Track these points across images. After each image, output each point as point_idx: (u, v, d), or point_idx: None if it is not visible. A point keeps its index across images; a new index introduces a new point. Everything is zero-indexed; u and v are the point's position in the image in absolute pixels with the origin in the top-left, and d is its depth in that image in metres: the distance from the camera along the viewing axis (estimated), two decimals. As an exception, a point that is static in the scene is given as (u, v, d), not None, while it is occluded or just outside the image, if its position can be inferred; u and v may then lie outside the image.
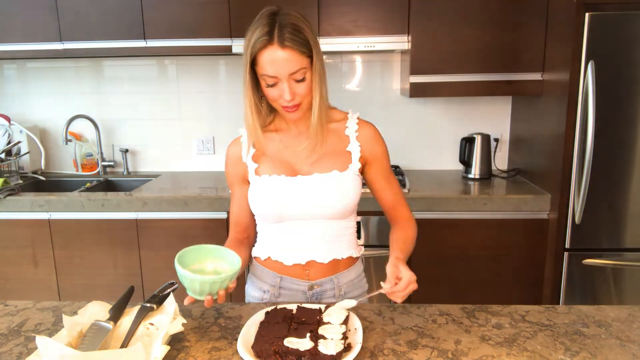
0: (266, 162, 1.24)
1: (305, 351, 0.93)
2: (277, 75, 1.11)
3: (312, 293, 1.27)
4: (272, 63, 1.10)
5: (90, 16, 2.34)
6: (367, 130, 1.26)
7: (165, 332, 0.97)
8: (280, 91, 1.13)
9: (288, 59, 1.10)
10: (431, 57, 2.25)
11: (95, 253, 2.34)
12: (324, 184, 1.20)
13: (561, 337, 1.04)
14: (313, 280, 1.26)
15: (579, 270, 2.06)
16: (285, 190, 1.20)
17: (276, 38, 1.09)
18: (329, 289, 1.28)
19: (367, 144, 1.25)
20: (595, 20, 1.87)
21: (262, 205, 1.22)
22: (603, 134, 1.94)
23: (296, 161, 1.23)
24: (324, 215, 1.22)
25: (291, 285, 1.27)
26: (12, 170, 2.61)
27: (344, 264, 1.28)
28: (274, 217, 1.23)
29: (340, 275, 1.28)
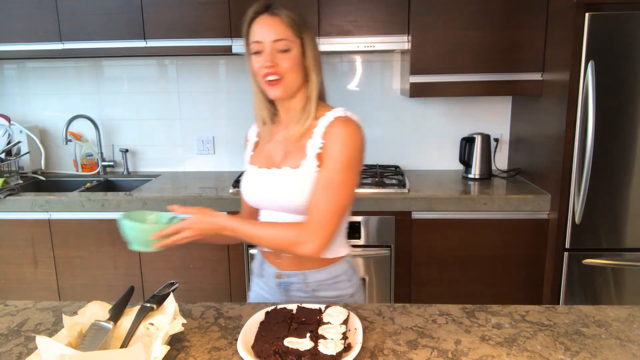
0: (258, 152, 1.33)
1: (305, 351, 0.93)
2: (261, 39, 1.17)
3: (279, 281, 1.30)
4: (259, 28, 1.17)
5: (90, 16, 2.34)
6: (334, 128, 1.18)
7: (165, 332, 0.97)
8: (262, 58, 1.17)
9: (274, 24, 1.17)
10: (431, 57, 2.25)
11: (95, 253, 2.34)
12: (288, 178, 1.21)
13: (561, 337, 1.04)
14: (282, 270, 1.29)
15: (579, 270, 2.06)
16: (258, 182, 1.27)
17: (268, 9, 1.19)
18: (296, 282, 1.28)
19: (327, 143, 1.18)
20: (595, 20, 1.87)
21: (243, 192, 1.33)
22: (603, 134, 1.94)
23: (275, 154, 1.28)
24: (289, 210, 1.22)
25: (267, 269, 1.33)
26: (12, 170, 2.61)
27: (313, 262, 1.25)
28: (253, 205, 1.31)
29: (308, 273, 1.26)
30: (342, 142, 1.16)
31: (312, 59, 1.21)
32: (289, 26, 1.17)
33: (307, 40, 1.21)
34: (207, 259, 2.30)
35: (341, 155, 1.16)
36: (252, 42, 1.19)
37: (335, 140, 1.17)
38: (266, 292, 1.35)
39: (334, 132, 1.18)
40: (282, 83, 1.19)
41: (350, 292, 1.31)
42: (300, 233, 1.15)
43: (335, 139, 1.17)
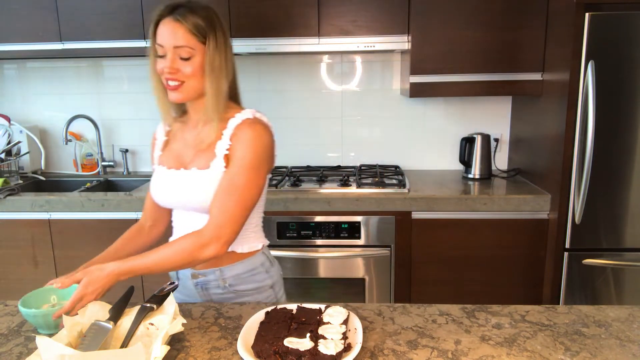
0: (166, 152, 1.32)
1: (305, 351, 0.93)
2: (163, 43, 1.17)
3: (196, 282, 1.31)
4: (162, 32, 1.17)
5: (90, 16, 2.34)
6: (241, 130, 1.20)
7: (165, 332, 0.97)
8: (164, 62, 1.17)
9: (176, 31, 1.15)
10: (431, 57, 2.25)
11: (95, 253, 2.31)
12: (197, 179, 1.22)
13: (561, 337, 1.04)
14: (197, 269, 1.30)
15: (579, 270, 2.06)
16: (167, 183, 1.27)
17: (172, 12, 1.17)
18: (213, 279, 1.30)
19: (235, 144, 1.20)
20: (595, 20, 1.87)
21: (152, 192, 1.32)
22: (603, 134, 1.94)
23: (183, 154, 1.28)
24: (201, 210, 1.23)
25: (182, 272, 1.33)
26: (12, 170, 2.61)
27: (225, 258, 1.27)
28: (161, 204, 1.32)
29: (224, 268, 1.28)
30: (247, 144, 1.18)
31: (219, 62, 1.19)
32: (192, 33, 1.15)
33: (213, 45, 1.17)
34: (207, 259, 2.30)
35: (245, 156, 1.18)
36: (156, 44, 1.18)
37: (240, 142, 1.19)
38: (184, 295, 1.36)
39: (240, 134, 1.20)
40: (182, 88, 1.19)
41: (269, 283, 1.33)
42: (198, 239, 1.15)
43: (241, 141, 1.19)
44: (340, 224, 2.20)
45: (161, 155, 1.33)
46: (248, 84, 2.71)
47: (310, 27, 2.28)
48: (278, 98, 2.71)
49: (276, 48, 2.30)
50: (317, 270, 2.26)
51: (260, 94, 2.72)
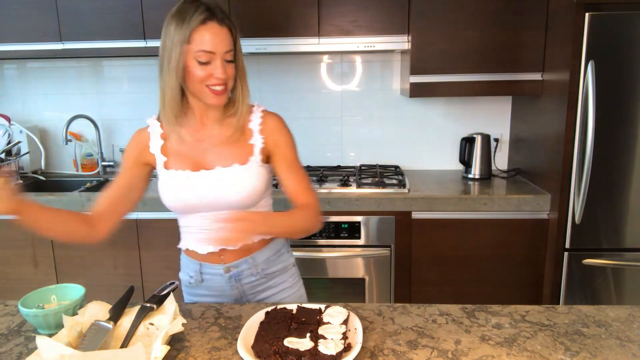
0: (173, 155, 1.27)
1: (305, 351, 0.93)
2: (214, 50, 1.15)
3: (229, 275, 1.31)
4: (212, 38, 1.14)
5: (90, 16, 2.34)
6: (271, 121, 1.28)
7: (165, 332, 0.97)
8: (212, 69, 1.16)
9: (224, 35, 1.16)
10: (431, 57, 2.25)
11: (95, 253, 2.34)
12: (224, 177, 1.23)
13: (561, 337, 1.04)
14: (228, 263, 1.30)
15: (579, 270, 2.06)
16: (188, 185, 1.24)
17: (216, 15, 1.15)
18: (246, 269, 1.31)
19: (270, 136, 1.27)
20: (595, 20, 1.87)
21: (170, 199, 1.26)
22: (603, 134, 1.94)
23: (199, 155, 1.26)
24: (228, 207, 1.24)
25: (210, 270, 1.32)
26: (12, 170, 2.60)
27: (257, 245, 1.31)
28: (181, 209, 1.28)
29: (255, 255, 1.31)
30: (284, 131, 1.29)
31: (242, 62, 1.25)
32: (232, 36, 1.19)
33: (239, 46, 1.23)
34: (207, 259, 2.30)
35: (290, 142, 1.29)
36: (200, 50, 1.14)
37: (278, 131, 1.28)
38: (211, 297, 1.35)
39: (271, 125, 1.28)
40: (226, 92, 1.20)
41: (292, 262, 1.40)
42: (313, 213, 1.25)
43: (275, 131, 1.27)
44: (340, 224, 2.20)
45: (168, 159, 1.27)
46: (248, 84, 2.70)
47: (310, 27, 2.28)
48: (278, 98, 2.71)
49: (276, 48, 2.30)
50: (317, 270, 2.26)
51: (261, 94, 2.72)
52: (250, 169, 1.24)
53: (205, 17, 1.14)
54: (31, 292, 1.13)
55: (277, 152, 1.27)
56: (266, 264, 1.33)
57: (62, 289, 1.17)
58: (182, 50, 1.15)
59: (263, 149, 1.26)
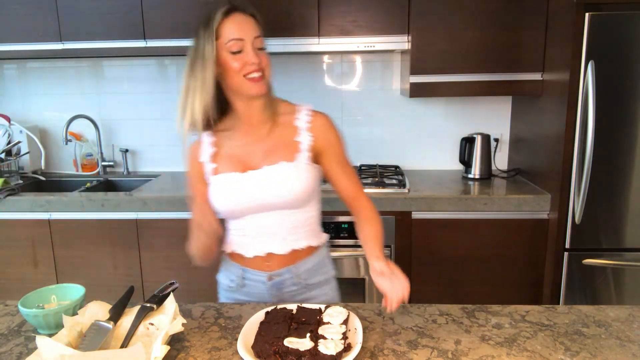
0: (222, 161, 1.28)
1: (305, 351, 0.93)
2: (243, 37, 1.17)
3: (271, 283, 1.30)
4: (239, 26, 1.17)
5: (90, 16, 2.34)
6: (319, 120, 1.28)
7: (165, 332, 0.97)
8: (245, 56, 1.17)
9: (253, 24, 1.19)
10: (431, 57, 2.25)
11: (95, 253, 2.34)
12: (271, 176, 1.22)
13: (561, 337, 1.04)
14: (272, 270, 1.29)
15: (579, 270, 2.06)
16: (237, 187, 1.24)
17: (238, 7, 1.19)
18: (288, 278, 1.30)
19: (320, 134, 1.26)
20: (595, 20, 1.87)
21: (219, 203, 1.26)
22: (603, 134, 1.94)
23: (248, 156, 1.26)
24: (277, 207, 1.24)
25: (252, 277, 1.31)
26: (12, 170, 2.61)
27: (303, 253, 1.30)
28: (232, 213, 1.27)
29: (299, 264, 1.30)
30: (333, 129, 1.29)
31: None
32: (259, 25, 1.21)
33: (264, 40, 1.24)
34: (207, 259, 2.30)
35: (340, 141, 1.29)
36: (231, 40, 1.16)
37: (328, 129, 1.28)
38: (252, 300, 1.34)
39: (320, 124, 1.27)
40: (263, 80, 1.20)
41: (333, 274, 1.38)
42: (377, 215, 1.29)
43: (325, 129, 1.27)
44: (340, 224, 2.20)
45: (217, 166, 1.27)
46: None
47: (310, 27, 2.28)
48: (278, 98, 2.71)
49: (276, 48, 2.30)
50: (317, 270, 2.26)
51: (260, 94, 2.72)
52: (298, 167, 1.23)
53: (228, 10, 1.18)
54: (31, 292, 1.13)
55: (329, 150, 1.27)
56: (308, 274, 1.31)
57: (62, 289, 1.17)
58: (213, 48, 1.16)
59: (312, 146, 1.25)
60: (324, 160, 1.28)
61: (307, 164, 1.25)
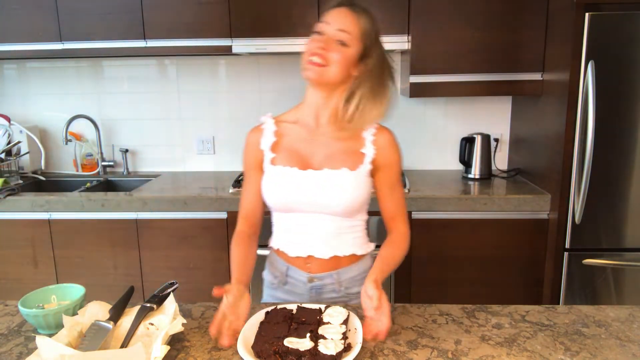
0: (282, 152, 1.26)
1: (305, 351, 0.93)
2: (329, 21, 1.18)
3: (311, 285, 1.29)
4: (335, 14, 1.19)
5: (90, 16, 2.34)
6: (385, 136, 1.26)
7: (165, 332, 0.97)
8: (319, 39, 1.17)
9: (348, 17, 1.18)
10: (431, 57, 2.25)
11: (95, 253, 2.34)
12: (331, 180, 1.21)
13: (561, 337, 1.04)
14: (314, 273, 1.28)
15: (579, 270, 2.06)
16: (294, 183, 1.22)
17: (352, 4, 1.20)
18: (329, 283, 1.29)
19: (383, 150, 1.25)
20: (595, 20, 1.87)
21: (272, 194, 1.25)
22: (603, 134, 1.94)
23: (309, 154, 1.25)
24: (327, 211, 1.23)
25: (295, 275, 1.30)
26: (12, 170, 2.61)
27: (345, 260, 1.29)
28: (281, 207, 1.26)
29: (341, 271, 1.28)
30: (396, 149, 1.28)
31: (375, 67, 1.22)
32: (360, 27, 1.18)
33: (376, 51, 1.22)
34: (207, 259, 2.30)
35: (399, 162, 1.28)
36: (320, 22, 1.19)
37: (391, 148, 1.27)
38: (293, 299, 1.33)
39: (385, 140, 1.26)
40: (323, 70, 1.16)
41: None
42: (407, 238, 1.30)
43: (388, 147, 1.26)
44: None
45: (275, 157, 1.26)
46: (248, 84, 2.71)
47: (310, 27, 2.26)
48: (278, 98, 2.71)
49: (276, 48, 2.30)
50: (317, 270, 2.26)
51: (261, 94, 2.72)
52: (358, 177, 1.23)
53: (341, 2, 1.20)
54: (31, 292, 1.13)
55: (384, 170, 1.26)
56: (350, 283, 1.29)
57: (62, 289, 1.17)
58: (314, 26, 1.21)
59: (373, 160, 1.25)
60: (378, 178, 1.27)
61: (367, 176, 1.24)
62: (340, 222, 1.25)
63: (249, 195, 1.31)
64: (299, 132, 1.27)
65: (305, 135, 1.26)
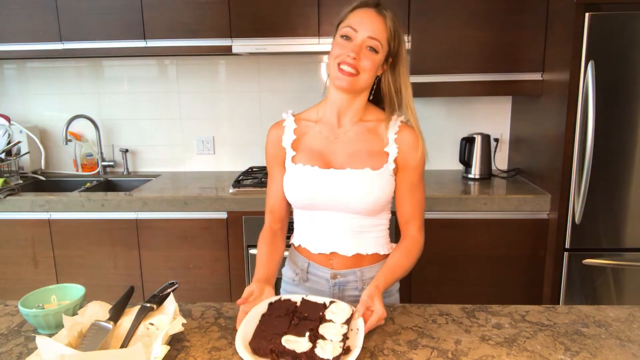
0: (303, 150, 1.26)
1: (301, 353, 0.93)
2: (358, 28, 1.16)
3: (334, 282, 1.29)
4: (361, 17, 1.16)
5: (90, 16, 2.34)
6: (408, 135, 1.24)
7: (165, 332, 0.97)
8: (350, 46, 1.15)
9: (377, 21, 1.16)
10: (431, 57, 2.25)
11: (95, 253, 2.34)
12: (354, 179, 1.21)
13: (561, 337, 1.04)
14: (337, 269, 1.28)
15: (579, 270, 2.06)
16: (316, 181, 1.22)
17: (377, 5, 1.18)
18: (352, 280, 1.28)
19: (406, 150, 1.23)
20: (595, 20, 1.87)
21: (294, 192, 1.25)
22: (603, 134, 1.94)
23: (330, 154, 1.25)
24: (350, 210, 1.23)
25: (317, 272, 1.30)
26: (12, 170, 2.61)
27: (368, 259, 1.28)
28: (303, 205, 1.26)
29: (365, 269, 1.28)
30: (420, 150, 1.24)
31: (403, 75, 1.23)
32: (388, 32, 1.18)
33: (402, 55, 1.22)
34: (207, 259, 2.30)
35: (422, 163, 1.25)
36: (347, 27, 1.17)
37: (414, 148, 1.23)
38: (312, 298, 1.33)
39: (409, 140, 1.23)
40: (356, 79, 1.17)
41: (397, 287, 1.36)
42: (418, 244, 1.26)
43: (412, 147, 1.23)
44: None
45: (296, 155, 1.26)
46: (248, 84, 2.71)
47: (310, 27, 2.28)
48: (278, 98, 2.71)
49: (276, 48, 2.30)
50: (317, 270, 2.26)
51: (261, 94, 2.72)
52: (382, 177, 1.22)
53: (365, 2, 1.18)
54: (31, 292, 1.13)
55: (406, 170, 1.24)
56: None
57: (62, 289, 1.17)
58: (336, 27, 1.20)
59: (396, 159, 1.23)
60: (398, 176, 1.25)
61: (391, 175, 1.23)
62: (363, 220, 1.25)
63: (273, 191, 1.32)
64: (321, 131, 1.27)
65: (327, 134, 1.26)
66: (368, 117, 1.27)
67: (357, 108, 1.25)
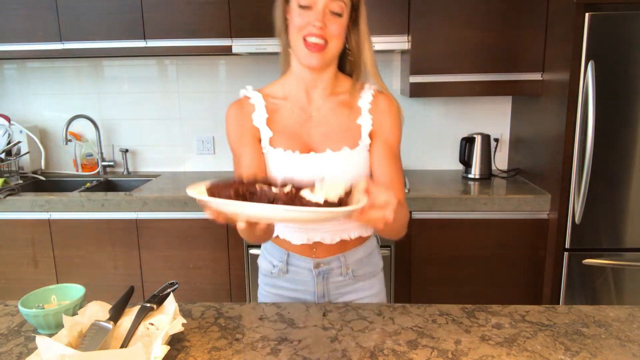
0: (280, 132, 1.16)
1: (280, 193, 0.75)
2: None
3: (318, 271, 1.25)
4: None
5: (90, 16, 2.34)
6: (382, 102, 1.16)
7: (165, 332, 0.97)
8: (312, 15, 1.04)
9: None
10: (431, 57, 2.25)
11: (95, 253, 2.34)
12: (335, 163, 1.13)
13: (561, 337, 1.04)
14: (320, 258, 1.24)
15: (579, 270, 2.06)
16: (299, 168, 1.14)
17: None
18: (336, 267, 1.25)
19: (379, 117, 1.15)
20: (595, 20, 1.87)
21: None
22: (603, 134, 1.94)
23: (306, 135, 1.16)
24: None
25: (298, 263, 1.25)
26: (12, 170, 2.61)
27: (352, 243, 1.24)
28: None
29: (348, 253, 1.24)
30: (393, 114, 1.16)
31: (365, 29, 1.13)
32: None
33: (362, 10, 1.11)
34: (207, 259, 2.30)
35: (396, 127, 1.16)
36: None
37: (388, 113, 1.16)
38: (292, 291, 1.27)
39: (382, 106, 1.16)
40: (326, 50, 1.06)
41: (381, 266, 1.33)
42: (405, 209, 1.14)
43: (385, 112, 1.16)
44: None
45: (274, 136, 1.15)
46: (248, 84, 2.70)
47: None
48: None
49: (276, 48, 2.29)
50: (317, 270, 2.26)
51: (260, 94, 2.72)
52: (360, 154, 1.13)
53: None
54: (31, 292, 1.13)
55: (379, 135, 1.14)
56: (357, 265, 1.26)
57: (62, 289, 1.17)
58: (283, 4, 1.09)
59: (371, 131, 1.14)
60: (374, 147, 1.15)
61: (367, 152, 1.15)
62: None
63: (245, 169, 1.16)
64: (292, 110, 1.17)
65: (299, 113, 1.17)
66: (339, 88, 1.19)
67: (327, 81, 1.16)
